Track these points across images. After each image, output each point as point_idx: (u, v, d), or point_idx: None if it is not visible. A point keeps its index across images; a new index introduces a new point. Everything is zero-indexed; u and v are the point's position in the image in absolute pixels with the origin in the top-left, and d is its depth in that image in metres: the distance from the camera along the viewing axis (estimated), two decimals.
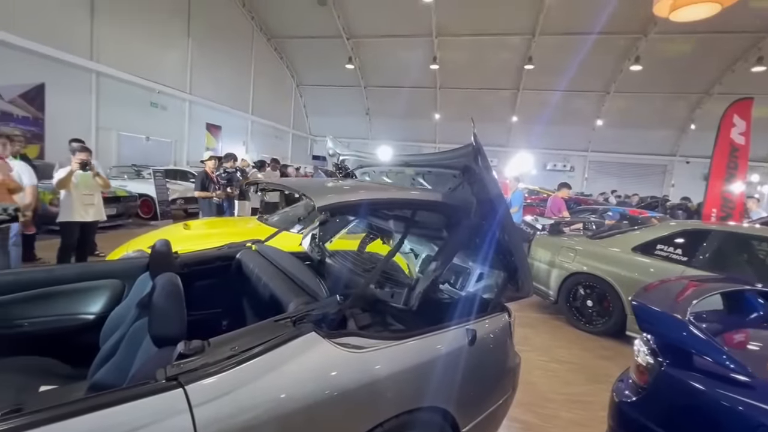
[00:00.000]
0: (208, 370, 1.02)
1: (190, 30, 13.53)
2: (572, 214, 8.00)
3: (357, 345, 1.27)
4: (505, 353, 1.81)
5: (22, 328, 1.80)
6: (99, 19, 10.33)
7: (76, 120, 9.95)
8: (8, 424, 0.84)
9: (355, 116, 21.45)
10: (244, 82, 17.09)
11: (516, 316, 4.33)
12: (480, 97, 19.04)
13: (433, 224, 2.05)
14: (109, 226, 6.94)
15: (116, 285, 2.01)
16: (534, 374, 3.15)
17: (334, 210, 1.32)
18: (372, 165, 2.40)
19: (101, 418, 0.87)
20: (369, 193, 1.55)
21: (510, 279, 1.86)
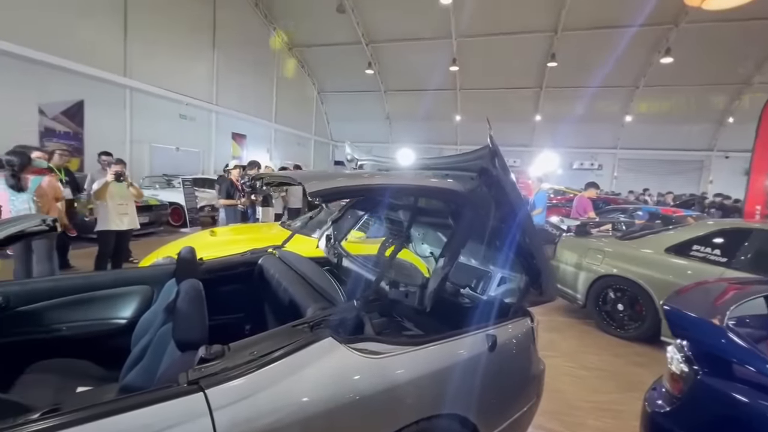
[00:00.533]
0: (228, 375, 1.04)
1: (216, 42, 14.04)
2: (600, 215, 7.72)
3: (374, 350, 1.27)
4: (528, 359, 1.76)
5: (61, 332, 1.91)
6: (131, 36, 10.88)
7: (112, 133, 10.50)
8: (45, 423, 0.89)
9: (375, 121, 21.58)
10: (267, 92, 17.54)
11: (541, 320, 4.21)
12: (501, 97, 18.75)
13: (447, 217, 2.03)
14: (142, 234, 7.27)
15: (146, 291, 2.10)
16: (561, 381, 3.05)
17: (326, 195, 1.29)
18: (390, 169, 2.40)
19: (127, 420, 0.91)
20: (363, 179, 1.51)
21: (532, 283, 1.81)
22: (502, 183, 1.57)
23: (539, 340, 3.20)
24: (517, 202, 1.61)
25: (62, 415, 0.90)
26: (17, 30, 8.15)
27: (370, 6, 15.55)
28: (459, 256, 1.72)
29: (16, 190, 3.55)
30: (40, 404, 1.47)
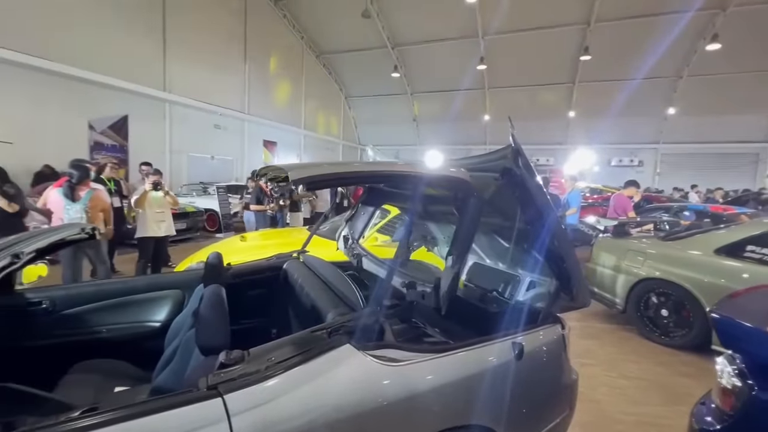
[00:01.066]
0: (246, 380, 1.05)
1: (247, 54, 14.58)
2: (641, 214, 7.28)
3: (393, 358, 1.25)
4: (558, 368, 1.67)
5: (101, 334, 2.02)
6: (170, 53, 11.51)
7: (153, 145, 11.12)
8: (80, 423, 0.93)
9: (402, 123, 21.56)
10: (296, 99, 17.98)
11: (576, 326, 4.03)
12: (532, 95, 18.19)
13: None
14: (180, 240, 7.63)
15: (178, 295, 2.19)
16: (599, 391, 2.88)
17: (308, 183, 1.25)
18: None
19: (150, 423, 0.94)
20: (349, 167, 1.44)
21: (563, 287, 1.72)
22: (527, 183, 1.50)
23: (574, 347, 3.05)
24: (544, 203, 1.54)
25: (96, 416, 0.95)
26: (69, 52, 8.82)
27: (395, 9, 15.60)
28: (468, 253, 1.63)
29: (71, 200, 3.88)
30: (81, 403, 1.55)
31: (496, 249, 2.25)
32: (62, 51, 8.69)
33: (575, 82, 17.27)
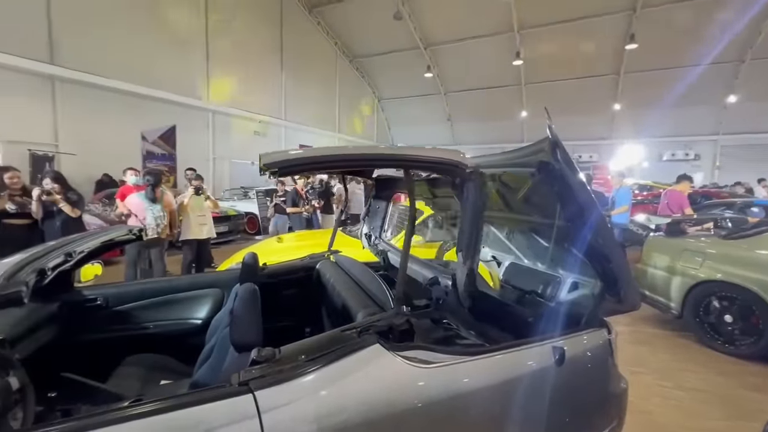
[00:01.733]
0: (276, 378, 1.06)
1: (284, 63, 15.08)
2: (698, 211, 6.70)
3: (424, 359, 1.21)
4: (605, 376, 1.55)
5: (148, 330, 2.14)
6: (212, 66, 12.15)
7: (198, 152, 11.77)
8: (127, 412, 0.98)
9: (436, 123, 21.35)
10: (331, 103, 18.35)
11: (625, 331, 3.78)
12: (573, 88, 17.33)
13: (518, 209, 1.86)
14: (222, 242, 7.99)
15: (217, 294, 2.27)
16: (651, 402, 2.67)
17: (281, 167, 1.20)
18: None
19: (185, 416, 0.97)
20: (327, 150, 1.38)
21: (609, 289, 1.60)
22: (566, 178, 1.40)
23: (623, 354, 2.85)
24: (586, 199, 1.44)
25: (140, 406, 1.00)
26: (123, 69, 9.55)
27: (427, 9, 15.50)
28: (478, 243, 1.53)
29: (152, 201, 4.38)
30: (129, 394, 1.65)
31: (534, 248, 2.14)
32: (117, 68, 9.42)
33: (620, 72, 16.28)
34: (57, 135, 8.56)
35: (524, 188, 1.79)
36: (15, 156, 7.37)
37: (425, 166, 1.49)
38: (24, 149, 7.91)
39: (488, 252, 2.66)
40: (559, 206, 1.61)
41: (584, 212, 1.46)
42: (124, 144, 9.83)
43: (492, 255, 2.63)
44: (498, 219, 2.28)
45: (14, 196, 3.79)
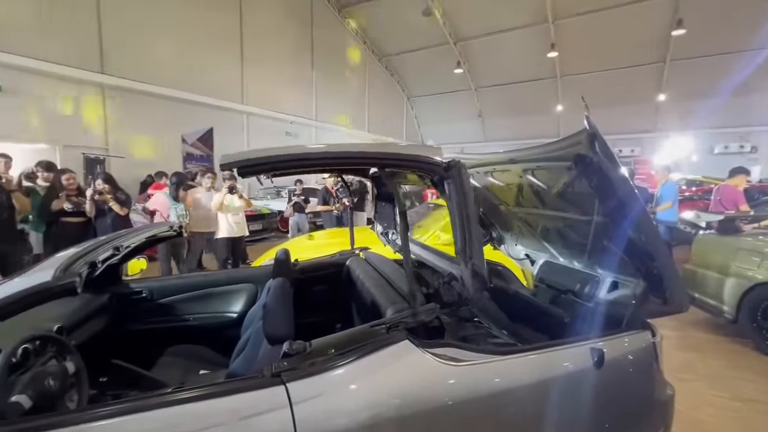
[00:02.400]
0: (307, 371, 1.08)
1: (314, 64, 15.35)
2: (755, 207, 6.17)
3: (454, 357, 1.19)
4: (648, 381, 1.46)
5: (188, 322, 2.25)
6: (247, 69, 12.57)
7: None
8: (169, 397, 1.04)
9: (467, 120, 20.98)
10: (360, 103, 18.48)
11: (672, 336, 3.57)
12: (612, 79, 16.44)
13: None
14: (256, 239, 8.26)
15: (251, 289, 2.35)
16: (703, 412, 2.49)
17: (240, 167, 1.16)
18: (474, 166, 2.27)
19: (220, 404, 1.01)
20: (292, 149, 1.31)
21: (653, 289, 1.51)
22: (605, 171, 1.33)
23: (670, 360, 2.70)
24: (627, 192, 1.35)
25: (181, 393, 1.05)
26: (165, 76, 10.09)
27: (457, 4, 15.24)
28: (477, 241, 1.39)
29: (175, 200, 4.74)
30: (172, 382, 1.74)
31: (570, 246, 2.06)
32: (160, 75, 9.96)
33: (666, 60, 15.28)
34: (107, 139, 9.18)
35: (560, 183, 1.72)
36: (71, 159, 7.97)
37: (394, 164, 1.43)
38: (78, 153, 8.54)
39: (521, 250, 2.58)
40: (597, 201, 1.53)
41: (625, 207, 1.38)
42: (166, 146, 10.39)
43: (525, 253, 2.55)
44: (531, 216, 2.20)
45: (71, 196, 4.10)
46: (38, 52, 7.75)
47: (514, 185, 2.08)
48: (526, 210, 2.19)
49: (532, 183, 1.89)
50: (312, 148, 1.40)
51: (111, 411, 0.97)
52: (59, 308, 1.76)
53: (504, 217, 2.50)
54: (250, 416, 0.99)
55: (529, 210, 2.15)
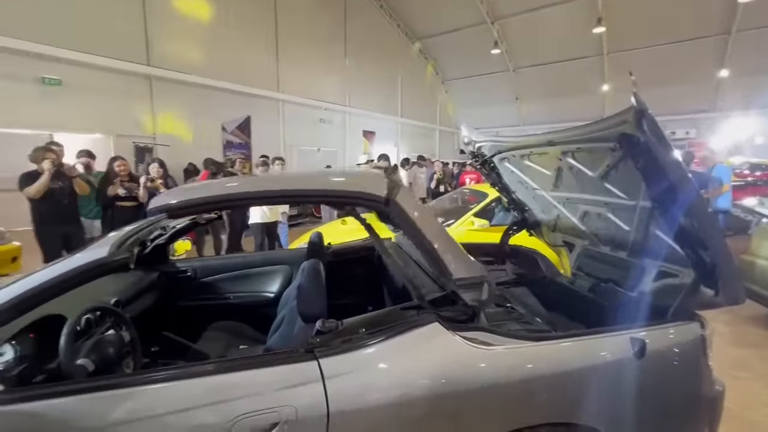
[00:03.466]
0: (339, 348, 1.12)
1: (347, 50, 15.30)
2: None
3: (484, 341, 1.18)
4: (694, 375, 1.38)
5: (230, 300, 2.38)
6: (281, 57, 12.76)
7: (270, 141, 12.55)
8: (216, 366, 1.11)
9: (503, 103, 20.22)
10: (393, 88, 18.27)
11: (726, 332, 3.36)
12: (666, 55, 15.13)
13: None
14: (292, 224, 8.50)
15: (287, 270, 2.44)
16: (759, 412, 2.33)
17: (168, 211, 1.20)
18: (511, 149, 2.19)
19: (258, 375, 1.07)
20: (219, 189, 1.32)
21: (704, 279, 1.41)
22: (654, 152, 1.24)
23: (723, 357, 2.55)
24: (679, 175, 1.26)
25: (222, 363, 1.14)
26: (206, 66, 10.46)
27: None
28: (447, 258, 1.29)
29: None
30: (214, 354, 1.86)
31: (613, 232, 1.95)
32: (201, 66, 10.34)
33: (731, 32, 13.84)
34: (154, 128, 9.71)
35: (602, 166, 1.63)
36: (122, 148, 8.52)
37: (329, 201, 1.39)
38: (129, 142, 9.11)
39: (559, 236, 2.49)
40: (644, 185, 1.44)
41: (676, 191, 1.28)
42: (207, 135, 10.84)
43: (563, 239, 2.46)
44: (571, 200, 2.11)
45: (123, 182, 4.40)
46: (92, 47, 8.28)
47: (553, 168, 1.99)
48: (565, 194, 2.10)
49: (572, 166, 1.81)
50: (241, 186, 1.36)
51: (163, 376, 1.06)
52: (115, 284, 1.92)
53: (541, 203, 2.41)
54: (284, 388, 1.04)
55: (568, 194, 2.06)
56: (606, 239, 2.06)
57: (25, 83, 7.43)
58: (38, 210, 3.91)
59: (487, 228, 3.81)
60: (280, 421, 1.01)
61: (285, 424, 1.01)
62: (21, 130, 7.23)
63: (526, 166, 2.18)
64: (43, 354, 1.30)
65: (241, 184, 1.39)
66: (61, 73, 7.90)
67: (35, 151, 3.93)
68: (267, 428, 1.01)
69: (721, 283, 1.35)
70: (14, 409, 0.98)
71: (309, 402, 1.03)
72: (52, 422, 0.97)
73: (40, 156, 3.82)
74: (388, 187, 1.28)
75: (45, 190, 3.75)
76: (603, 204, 1.84)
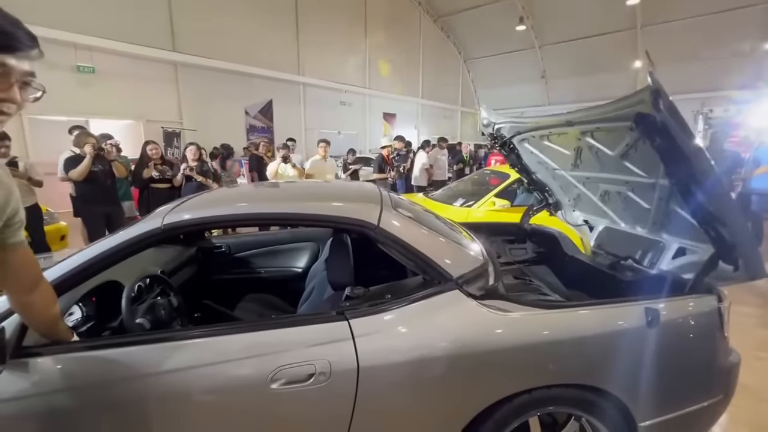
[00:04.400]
0: (367, 311, 1.23)
1: (367, 31, 15.11)
2: None
3: (501, 308, 1.27)
4: (708, 345, 1.43)
5: (261, 274, 2.54)
6: (302, 40, 12.76)
7: (292, 125, 12.72)
8: (256, 323, 1.26)
9: (528, 82, 19.56)
10: (414, 69, 17.98)
11: (753, 313, 3.31)
12: (704, 27, 14.13)
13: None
14: None
15: (314, 247, 2.58)
16: None
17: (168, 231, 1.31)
18: (530, 130, 2.21)
19: (295, 332, 1.20)
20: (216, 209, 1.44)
21: (723, 255, 1.43)
22: (670, 130, 1.26)
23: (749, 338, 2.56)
24: (695, 153, 1.27)
25: (259, 322, 1.28)
26: (229, 51, 10.61)
27: None
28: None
29: (223, 169, 5.55)
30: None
31: (633, 211, 1.97)
32: (224, 50, 10.50)
33: None
34: (181, 113, 10.02)
35: (621, 145, 1.65)
36: (152, 132, 8.87)
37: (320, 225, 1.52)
38: (158, 127, 9.45)
39: (579, 216, 2.51)
40: (662, 163, 1.46)
41: (692, 169, 1.30)
42: (231, 119, 11.10)
43: (583, 219, 2.48)
44: (591, 180, 2.12)
45: (157, 164, 4.64)
46: (122, 35, 8.54)
47: (572, 148, 2.01)
48: (585, 174, 2.11)
49: (592, 145, 1.83)
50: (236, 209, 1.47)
51: (210, 331, 1.20)
52: (159, 257, 2.10)
53: (561, 182, 2.43)
54: (318, 344, 1.17)
55: (588, 174, 2.08)
56: (626, 217, 2.07)
57: (61, 72, 7.79)
58: (82, 191, 4.21)
59: (507, 208, 3.83)
60: (315, 373, 1.14)
61: (320, 374, 1.14)
62: (58, 117, 7.63)
63: (546, 146, 2.20)
64: (103, 315, 1.48)
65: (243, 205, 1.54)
66: (94, 62, 8.23)
67: (77, 136, 4.19)
68: (304, 378, 1.14)
69: (741, 260, 1.37)
70: (89, 356, 1.14)
71: (341, 357, 1.16)
72: (118, 366, 1.13)
73: (83, 140, 4.08)
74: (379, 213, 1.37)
75: (88, 173, 4.01)
76: (623, 183, 1.85)
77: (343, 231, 1.56)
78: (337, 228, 1.53)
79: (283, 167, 5.12)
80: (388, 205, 1.48)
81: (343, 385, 1.15)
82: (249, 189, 2.32)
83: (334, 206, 1.45)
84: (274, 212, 1.46)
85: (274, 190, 1.93)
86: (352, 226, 1.37)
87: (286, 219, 1.56)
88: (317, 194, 1.80)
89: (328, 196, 1.71)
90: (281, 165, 5.08)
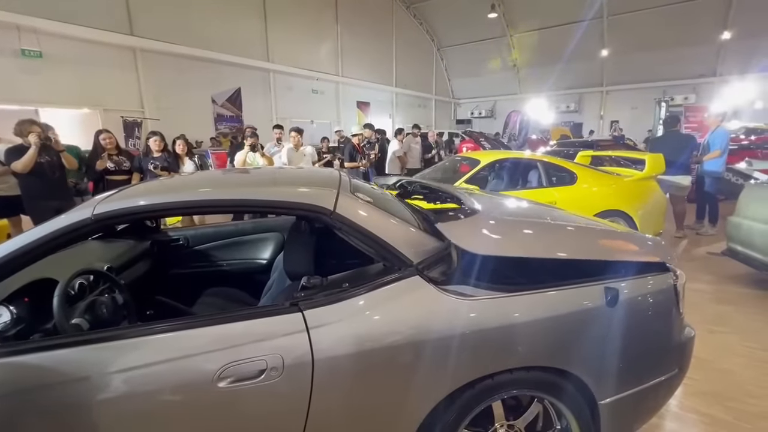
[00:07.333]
0: (322, 301, 1.17)
1: (339, 17, 14.74)
2: None
3: (462, 293, 1.23)
4: (664, 321, 1.45)
5: (223, 267, 2.42)
6: (270, 26, 12.30)
7: (262, 114, 12.31)
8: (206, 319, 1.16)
9: (501, 71, 19.74)
10: (387, 57, 17.75)
11: (708, 290, 3.47)
12: (666, 17, 14.63)
13: None
14: None
15: (278, 237, 2.47)
16: (731, 361, 2.45)
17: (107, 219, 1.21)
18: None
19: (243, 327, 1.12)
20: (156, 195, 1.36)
21: None
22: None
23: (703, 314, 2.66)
24: None
25: (205, 318, 1.17)
26: (193, 36, 10.09)
27: None
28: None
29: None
30: None
31: None
32: (188, 36, 9.97)
33: None
34: (142, 102, 9.48)
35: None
36: (111, 122, 8.35)
37: (272, 211, 1.40)
38: (117, 116, 8.92)
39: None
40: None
41: None
42: (197, 108, 10.61)
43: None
44: None
45: (111, 155, 4.34)
46: (71, 16, 7.93)
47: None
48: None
49: None
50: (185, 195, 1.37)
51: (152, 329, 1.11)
52: (107, 252, 1.95)
53: None
54: (270, 338, 1.10)
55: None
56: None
57: (2, 56, 7.17)
58: (28, 185, 3.89)
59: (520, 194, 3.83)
60: (267, 368, 1.07)
61: (272, 370, 1.07)
62: (2, 105, 7.05)
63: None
64: (38, 317, 1.35)
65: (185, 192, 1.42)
66: (41, 46, 7.62)
67: (19, 124, 3.85)
68: (255, 374, 1.07)
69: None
70: (12, 361, 1.03)
71: (294, 350, 1.09)
72: (48, 372, 1.02)
73: (26, 129, 3.75)
74: (335, 198, 1.30)
75: (33, 164, 3.71)
76: None
77: (299, 218, 1.47)
78: (291, 214, 1.44)
79: (252, 156, 4.93)
80: (346, 189, 1.41)
81: (297, 379, 1.09)
82: (197, 176, 2.18)
83: (286, 191, 1.36)
84: (220, 199, 1.33)
85: (225, 176, 1.82)
86: (306, 212, 1.29)
87: (234, 206, 1.46)
88: (272, 180, 1.70)
89: (283, 182, 1.62)
90: (249, 154, 4.89)
